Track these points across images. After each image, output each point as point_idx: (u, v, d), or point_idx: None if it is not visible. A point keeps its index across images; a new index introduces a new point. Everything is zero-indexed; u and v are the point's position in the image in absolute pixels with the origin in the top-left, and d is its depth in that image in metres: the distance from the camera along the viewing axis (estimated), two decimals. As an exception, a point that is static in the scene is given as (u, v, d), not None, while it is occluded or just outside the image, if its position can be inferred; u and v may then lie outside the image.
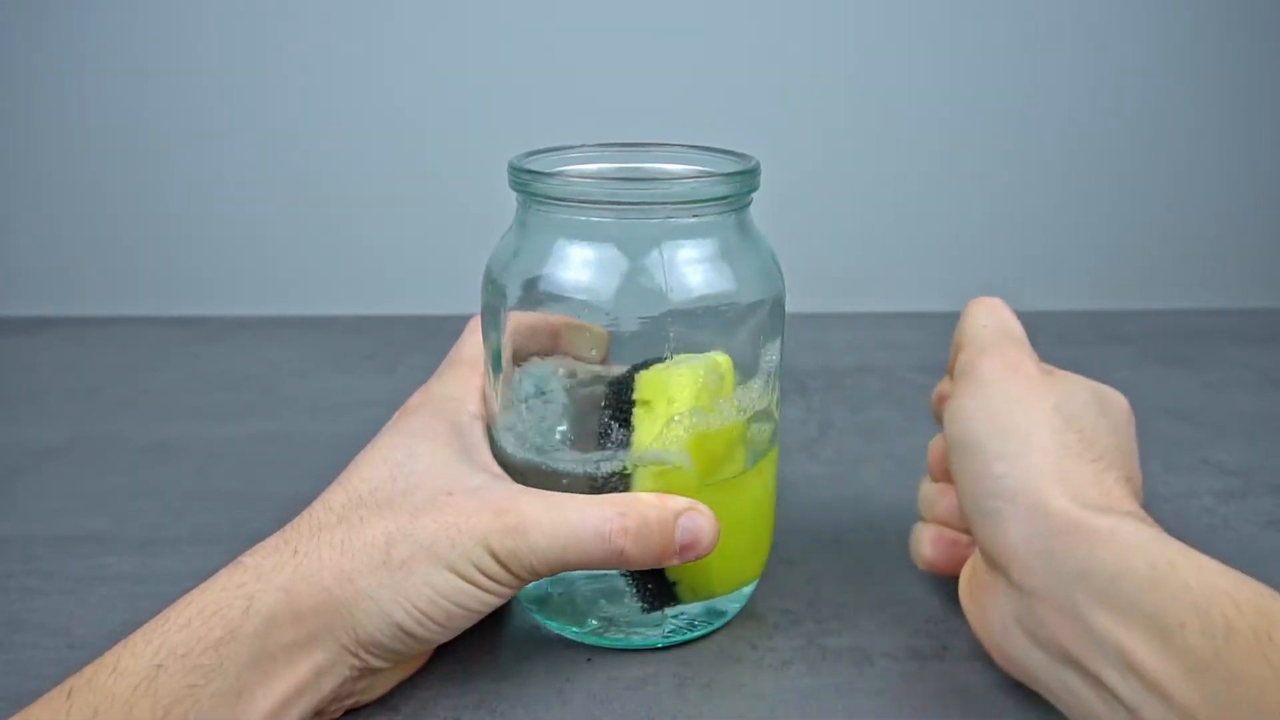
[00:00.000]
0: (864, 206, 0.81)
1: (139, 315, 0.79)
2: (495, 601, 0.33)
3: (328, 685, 0.32)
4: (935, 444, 0.41)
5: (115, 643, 0.39)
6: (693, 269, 0.35)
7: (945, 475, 0.39)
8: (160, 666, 0.29)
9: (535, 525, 0.33)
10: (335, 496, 0.34)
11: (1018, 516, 0.32)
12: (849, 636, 0.40)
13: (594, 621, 0.38)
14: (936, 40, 0.78)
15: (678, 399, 0.35)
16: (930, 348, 0.74)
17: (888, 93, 0.79)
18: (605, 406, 0.36)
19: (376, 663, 0.33)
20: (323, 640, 0.31)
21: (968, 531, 0.38)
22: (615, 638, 0.38)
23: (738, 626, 0.40)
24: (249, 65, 0.76)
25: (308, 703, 0.31)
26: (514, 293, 0.36)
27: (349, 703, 0.34)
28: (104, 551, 0.46)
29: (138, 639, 0.30)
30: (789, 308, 0.39)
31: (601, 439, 0.36)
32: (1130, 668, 0.28)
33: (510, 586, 0.33)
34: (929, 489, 0.40)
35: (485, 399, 0.39)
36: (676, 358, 0.35)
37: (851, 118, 0.79)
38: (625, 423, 0.35)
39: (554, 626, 0.39)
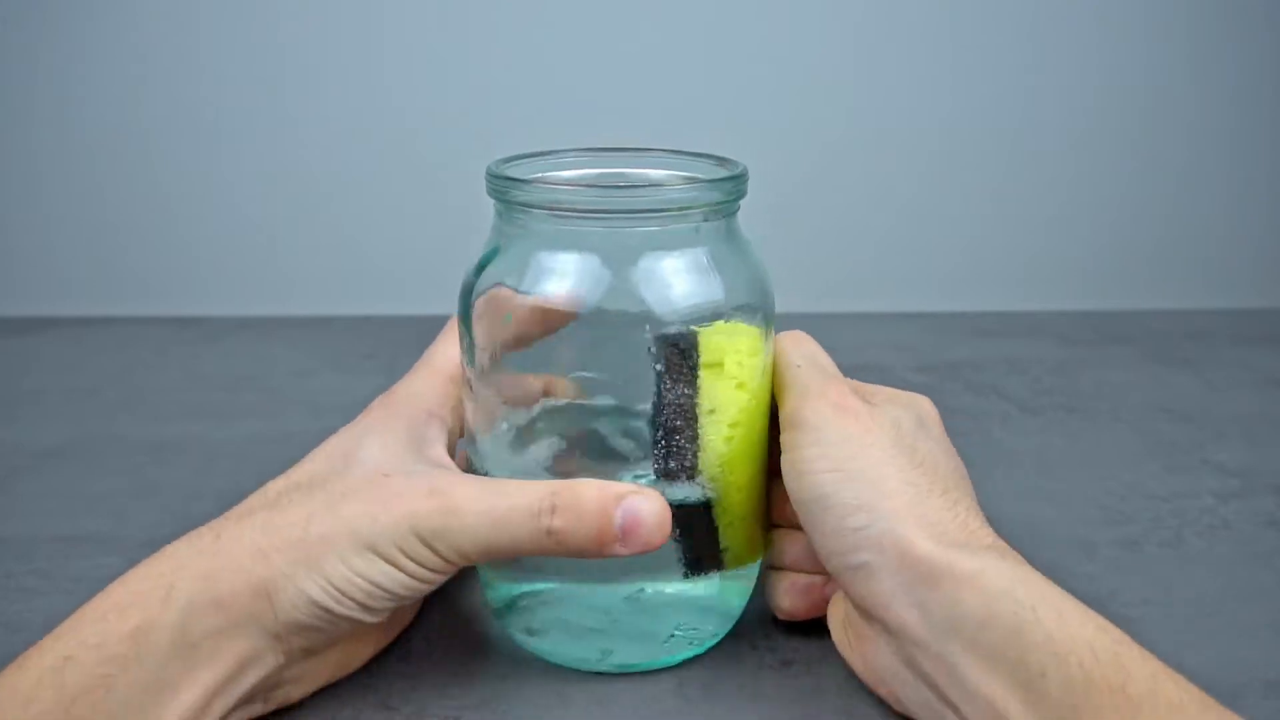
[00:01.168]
0: (864, 206, 0.81)
1: (139, 315, 0.79)
2: (419, 586, 0.32)
3: (253, 674, 0.31)
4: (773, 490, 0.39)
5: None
6: (679, 278, 0.33)
7: (788, 520, 0.38)
8: (69, 658, 0.28)
9: (467, 504, 0.31)
10: (274, 485, 0.34)
11: (886, 567, 0.32)
12: (849, 636, 0.39)
13: (599, 650, 0.37)
14: (936, 39, 0.78)
15: (746, 362, 0.34)
16: (930, 348, 0.74)
17: (888, 92, 0.79)
18: (667, 373, 0.34)
19: (299, 643, 0.32)
20: (245, 626, 0.30)
21: (819, 573, 0.37)
22: (620, 662, 0.37)
23: (738, 626, 0.40)
24: (249, 66, 0.76)
25: (234, 693, 0.31)
26: (490, 305, 0.35)
27: (279, 694, 0.33)
28: (104, 551, 0.46)
29: (48, 638, 0.29)
30: (789, 307, 0.38)
31: (674, 409, 0.34)
32: (998, 717, 0.29)
33: (436, 570, 0.32)
34: (778, 536, 0.39)
35: (464, 420, 0.38)
36: (709, 326, 0.34)
37: (852, 118, 0.79)
38: (692, 384, 0.34)
39: (555, 658, 0.38)
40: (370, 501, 0.32)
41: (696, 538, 0.36)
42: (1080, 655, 0.28)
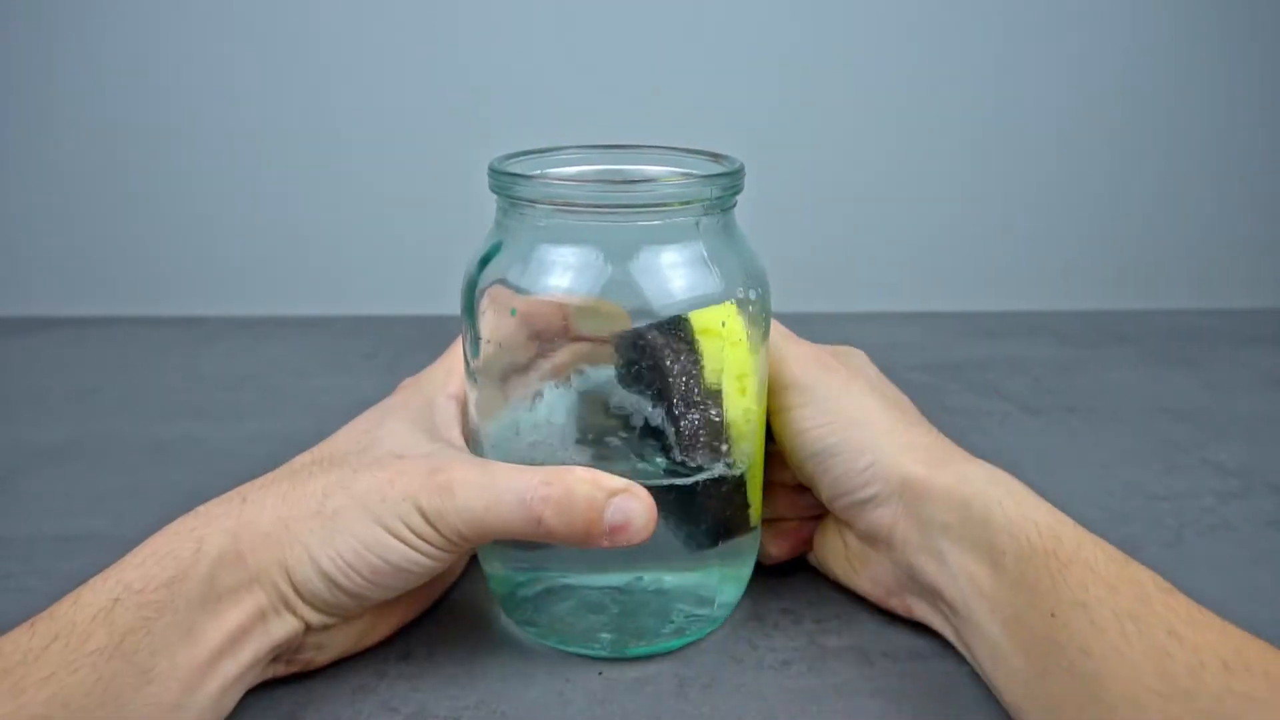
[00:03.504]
0: (864, 206, 0.81)
1: (139, 315, 0.79)
2: (426, 563, 0.34)
3: (276, 631, 0.33)
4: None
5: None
6: (676, 272, 0.34)
7: (770, 476, 0.41)
8: (117, 600, 0.30)
9: (462, 485, 0.33)
10: (301, 458, 0.37)
11: (892, 495, 0.37)
12: (849, 636, 0.40)
13: (602, 635, 0.37)
14: (935, 39, 0.78)
15: (731, 323, 0.35)
16: (930, 348, 0.74)
17: (888, 93, 0.79)
18: (666, 350, 0.34)
19: (312, 613, 0.34)
20: (261, 581, 0.32)
21: (796, 518, 0.42)
22: (621, 647, 0.38)
23: (738, 626, 0.40)
24: (249, 67, 0.76)
25: (259, 645, 0.33)
26: (492, 298, 0.35)
27: (301, 658, 0.35)
28: (104, 551, 0.45)
29: (97, 578, 0.32)
30: (789, 307, 0.39)
31: (681, 377, 0.35)
32: (975, 591, 0.35)
33: (440, 548, 0.33)
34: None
35: (466, 412, 0.38)
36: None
37: (853, 118, 0.79)
38: (692, 356, 0.35)
39: (552, 642, 0.39)
40: (380, 479, 0.33)
41: (730, 500, 0.37)
42: (1028, 532, 0.34)
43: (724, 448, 0.36)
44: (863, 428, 0.38)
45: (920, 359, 0.71)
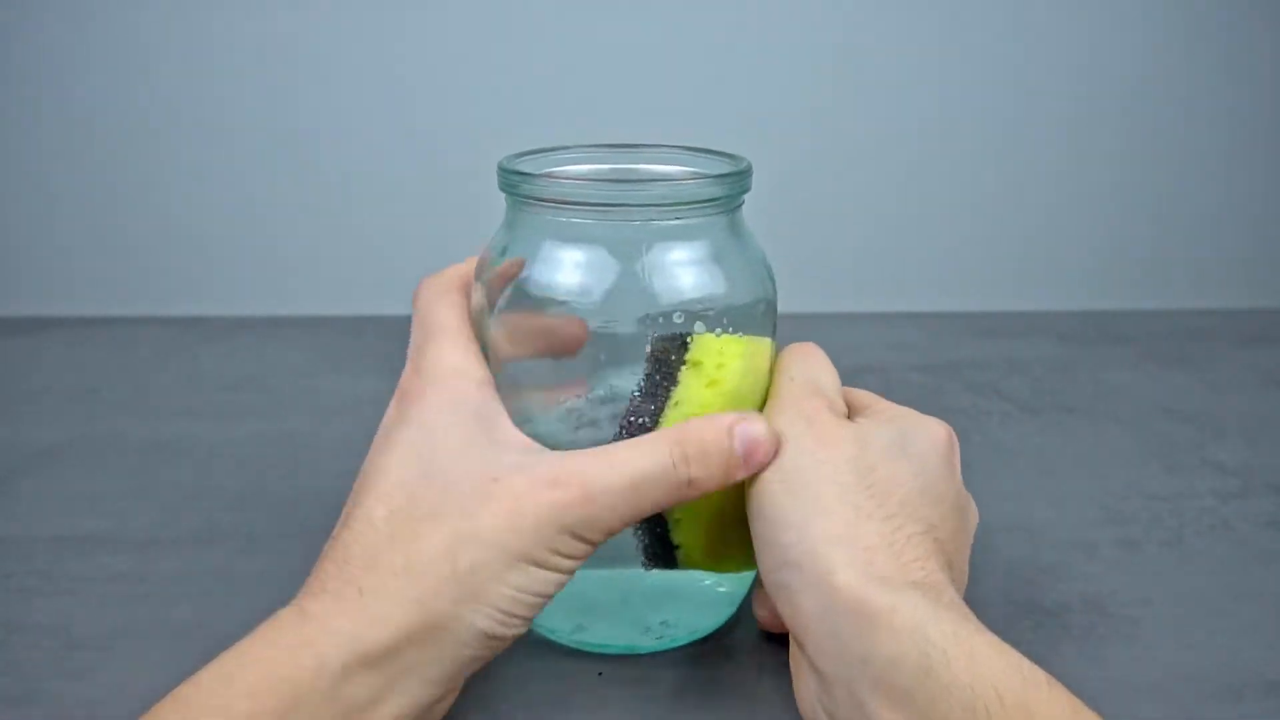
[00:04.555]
0: (864, 206, 0.81)
1: (139, 315, 0.79)
2: (569, 577, 0.31)
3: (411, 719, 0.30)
4: None
5: (115, 642, 0.39)
6: (683, 271, 0.34)
7: None
8: None
9: (598, 486, 0.30)
10: (375, 509, 0.31)
11: (806, 591, 0.30)
12: (849, 636, 0.39)
13: (578, 623, 0.38)
14: (935, 38, 0.78)
15: (727, 364, 0.34)
16: (930, 348, 0.74)
17: (889, 92, 0.79)
18: (653, 360, 0.34)
19: (468, 673, 0.31)
20: (402, 685, 0.29)
21: None
22: (596, 642, 0.38)
23: (738, 627, 0.40)
24: (249, 66, 0.76)
25: None
26: (502, 295, 0.35)
27: (432, 716, 0.32)
28: (104, 551, 0.46)
29: (198, 698, 0.27)
30: (790, 307, 0.39)
31: (647, 396, 0.34)
32: None
33: (584, 557, 0.31)
34: None
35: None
36: (723, 335, 0.34)
37: (854, 117, 0.79)
38: (672, 379, 0.34)
39: (540, 630, 0.39)
40: (500, 514, 0.30)
41: (650, 529, 0.36)
42: (987, 700, 0.27)
43: None
44: (800, 499, 0.32)
45: (920, 359, 0.71)
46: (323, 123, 0.78)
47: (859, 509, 0.32)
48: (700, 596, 0.39)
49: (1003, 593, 0.43)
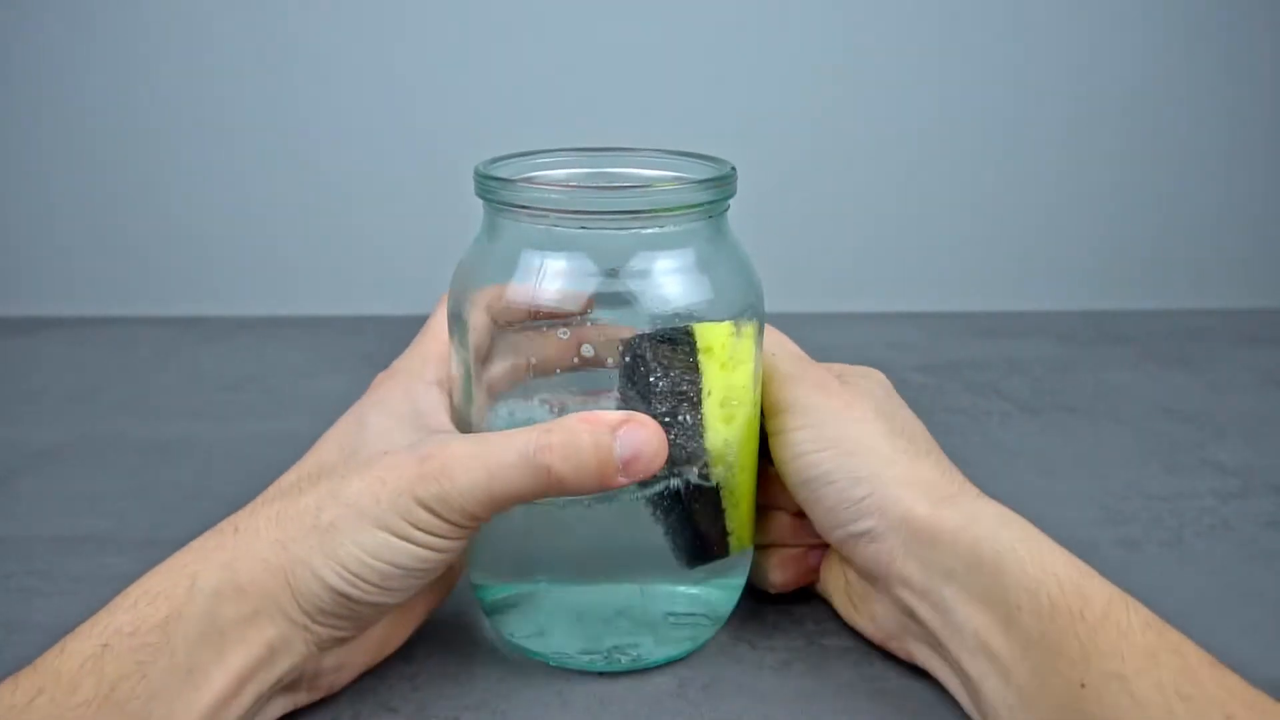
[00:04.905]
0: (864, 206, 0.81)
1: (139, 315, 0.79)
2: (437, 557, 0.32)
3: (285, 660, 0.32)
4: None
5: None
6: (668, 279, 0.33)
7: (770, 501, 0.40)
8: (106, 645, 0.29)
9: (458, 463, 0.31)
10: (287, 476, 0.35)
11: (890, 530, 0.35)
12: (849, 637, 0.40)
13: (603, 649, 0.37)
14: (936, 39, 0.78)
15: (729, 343, 0.34)
16: (930, 348, 0.74)
17: (888, 91, 0.79)
18: (660, 365, 0.34)
19: (327, 631, 0.32)
20: (269, 613, 0.31)
21: (803, 545, 0.40)
22: (621, 660, 0.37)
23: (738, 627, 0.40)
24: (249, 66, 0.76)
25: (265, 679, 0.31)
26: (481, 303, 0.35)
27: (323, 682, 0.34)
28: (104, 551, 0.46)
29: (85, 624, 0.30)
30: (790, 307, 0.39)
31: (671, 397, 0.34)
32: (982, 648, 0.32)
33: (448, 537, 0.32)
34: (762, 516, 0.40)
35: (453, 404, 0.37)
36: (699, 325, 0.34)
37: (852, 117, 0.79)
38: (694, 371, 0.34)
39: (552, 660, 0.38)
40: (371, 480, 0.32)
41: (703, 524, 0.36)
42: (1049, 587, 0.31)
43: (696, 470, 0.35)
44: (861, 455, 0.36)
45: (920, 359, 0.71)
46: (322, 123, 0.78)
47: (907, 452, 0.36)
48: (694, 601, 0.38)
49: (1003, 593, 0.43)
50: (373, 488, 0.31)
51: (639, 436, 0.32)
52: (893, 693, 0.36)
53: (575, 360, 0.34)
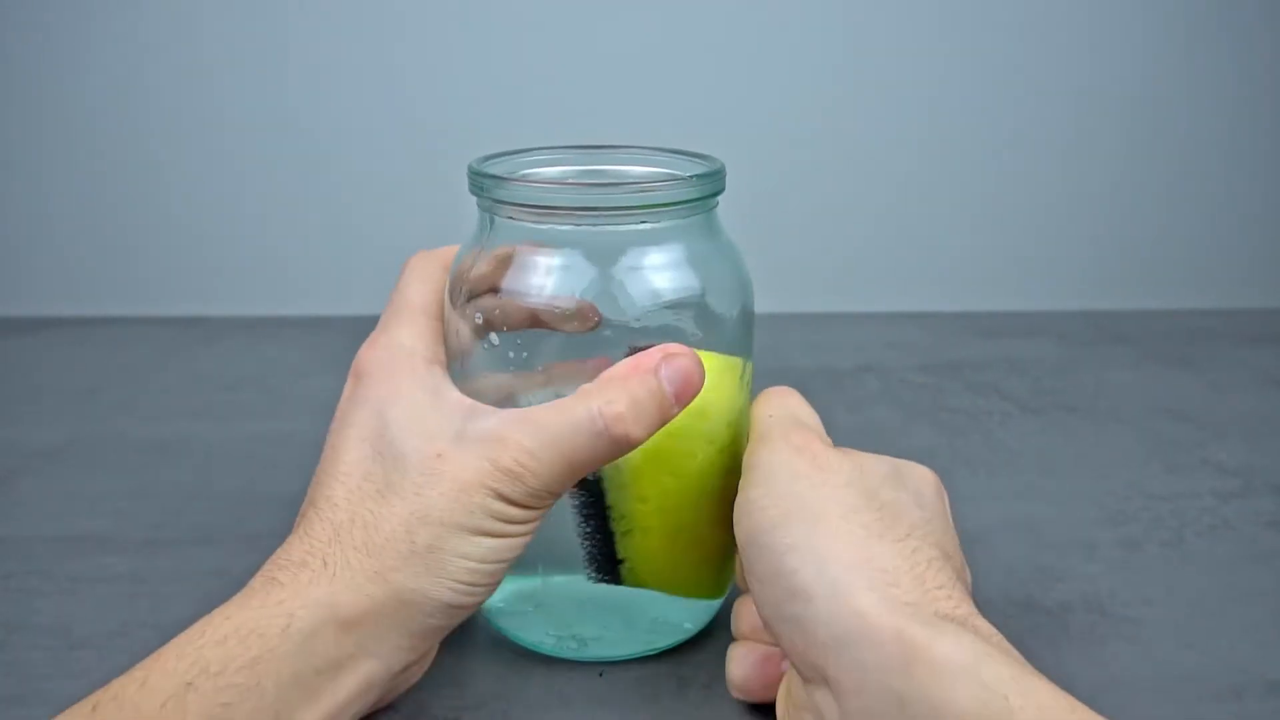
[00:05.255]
0: (864, 206, 0.81)
1: (139, 315, 0.79)
2: (527, 540, 0.32)
3: (375, 693, 0.31)
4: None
5: (115, 642, 0.39)
6: (658, 274, 0.34)
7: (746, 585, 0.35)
8: (190, 684, 0.27)
9: (529, 454, 0.31)
10: (334, 491, 0.32)
11: (821, 622, 0.28)
12: (849, 636, 0.39)
13: (558, 635, 0.37)
14: (937, 39, 0.78)
15: (722, 378, 0.34)
16: (930, 348, 0.74)
17: (887, 90, 0.79)
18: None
19: (428, 645, 0.32)
20: (371, 648, 0.30)
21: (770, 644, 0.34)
22: (595, 654, 0.38)
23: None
24: (249, 66, 0.76)
25: (353, 711, 0.31)
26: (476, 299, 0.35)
27: (402, 683, 0.34)
28: (104, 551, 0.46)
29: (169, 653, 0.28)
30: (791, 307, 0.38)
31: None
32: None
33: (536, 519, 0.32)
34: (737, 603, 0.36)
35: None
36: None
37: (852, 117, 0.79)
38: None
39: (519, 639, 0.38)
40: (447, 493, 0.31)
41: (593, 537, 0.36)
42: None
43: (593, 488, 0.35)
44: (804, 522, 0.30)
45: (920, 359, 0.71)
46: (322, 123, 0.78)
47: (869, 529, 0.29)
48: (669, 603, 0.38)
49: (1003, 592, 0.43)
50: (454, 498, 0.31)
51: (678, 365, 0.32)
52: (893, 693, 0.36)
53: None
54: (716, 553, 0.37)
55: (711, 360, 0.34)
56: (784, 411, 0.35)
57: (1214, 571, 0.45)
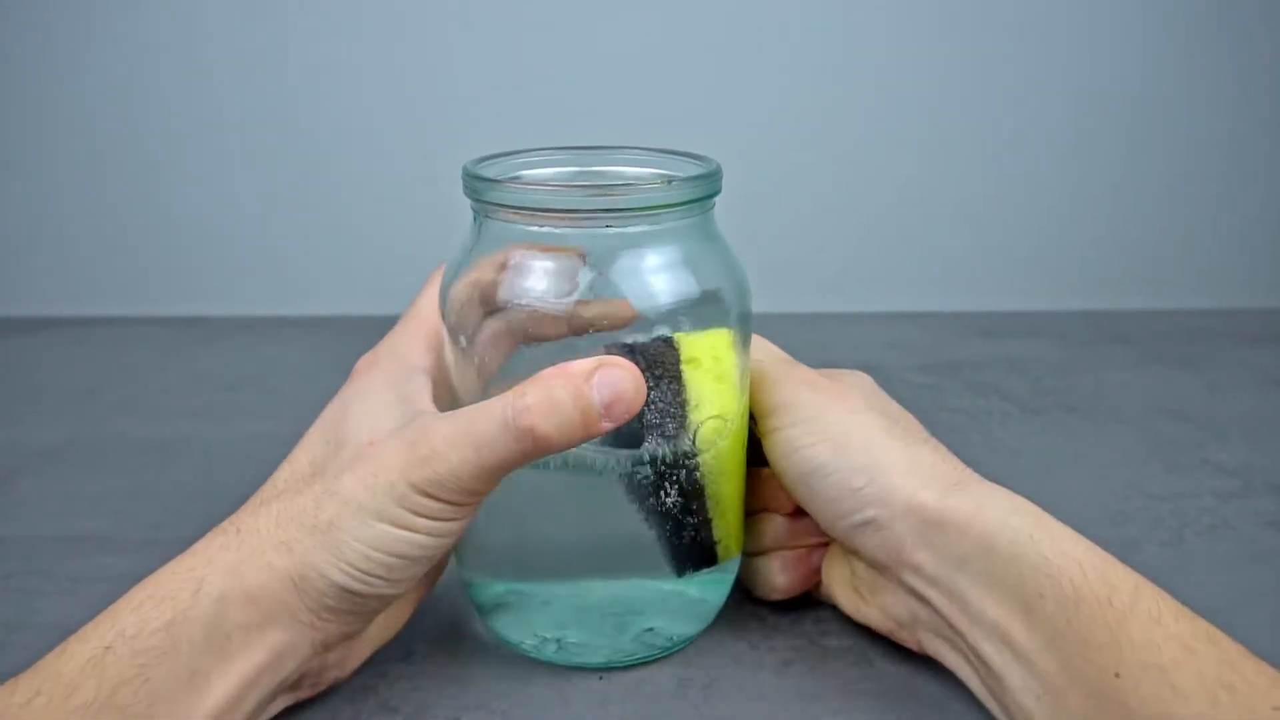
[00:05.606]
0: (864, 206, 0.81)
1: (139, 315, 0.79)
2: (437, 542, 0.32)
3: (290, 664, 0.31)
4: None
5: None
6: (655, 276, 0.34)
7: (762, 505, 0.40)
8: (108, 648, 0.28)
9: (444, 442, 0.31)
10: (280, 474, 0.35)
11: (894, 517, 0.34)
12: (849, 636, 0.40)
13: (544, 636, 0.37)
14: (937, 40, 0.78)
15: (723, 357, 0.34)
16: (930, 348, 0.74)
17: (887, 90, 0.79)
18: (652, 372, 0.34)
19: (334, 629, 0.32)
20: (277, 618, 0.31)
21: (802, 546, 0.40)
22: (573, 656, 0.38)
23: (739, 627, 0.40)
24: (249, 66, 0.76)
25: (269, 683, 0.31)
26: (471, 301, 0.35)
27: (326, 677, 0.34)
28: (104, 551, 0.46)
29: (88, 626, 0.29)
30: (791, 307, 0.39)
31: (663, 411, 0.34)
32: (1004, 640, 0.31)
33: (448, 519, 0.31)
34: (758, 521, 0.40)
35: (450, 397, 0.37)
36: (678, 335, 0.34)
37: (852, 116, 0.79)
38: (678, 382, 0.34)
39: (510, 642, 0.38)
40: (363, 474, 0.31)
41: (689, 534, 0.36)
42: (1071, 573, 0.30)
43: (683, 479, 0.35)
44: (855, 445, 0.35)
45: (920, 359, 0.71)
46: (323, 123, 0.78)
47: (903, 439, 0.36)
48: (680, 602, 0.38)
49: (1003, 593, 0.43)
50: (366, 481, 0.31)
51: (614, 377, 0.31)
52: (893, 693, 0.36)
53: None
54: (742, 504, 0.39)
55: (722, 336, 0.35)
56: (768, 354, 0.39)
57: (1214, 571, 0.45)
